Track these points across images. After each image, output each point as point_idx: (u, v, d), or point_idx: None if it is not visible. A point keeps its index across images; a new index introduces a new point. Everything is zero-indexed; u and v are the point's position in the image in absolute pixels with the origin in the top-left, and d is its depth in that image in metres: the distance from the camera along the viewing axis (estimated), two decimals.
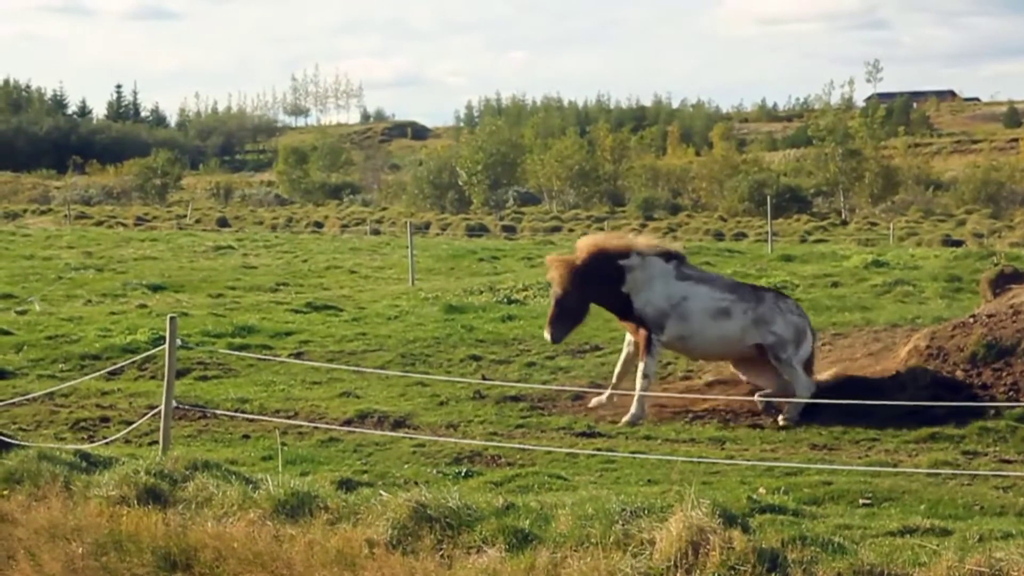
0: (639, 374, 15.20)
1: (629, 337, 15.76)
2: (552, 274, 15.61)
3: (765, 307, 15.44)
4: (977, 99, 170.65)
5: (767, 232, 43.41)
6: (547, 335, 15.59)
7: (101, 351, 19.01)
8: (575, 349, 18.37)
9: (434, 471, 12.30)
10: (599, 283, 15.39)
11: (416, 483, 11.07)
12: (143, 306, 24.92)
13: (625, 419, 14.78)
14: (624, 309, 15.56)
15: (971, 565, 7.71)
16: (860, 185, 71.87)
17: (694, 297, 15.38)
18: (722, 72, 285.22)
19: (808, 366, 15.46)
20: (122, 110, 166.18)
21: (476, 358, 18.51)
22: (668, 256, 15.70)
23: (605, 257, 15.50)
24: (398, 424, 14.56)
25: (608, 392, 15.39)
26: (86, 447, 12.13)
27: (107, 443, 12.96)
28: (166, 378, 12.15)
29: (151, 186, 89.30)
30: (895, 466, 12.15)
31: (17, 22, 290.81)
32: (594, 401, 15.38)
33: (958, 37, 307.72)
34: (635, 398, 14.99)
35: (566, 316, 15.48)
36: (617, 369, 15.76)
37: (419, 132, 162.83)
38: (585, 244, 15.85)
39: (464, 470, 12.32)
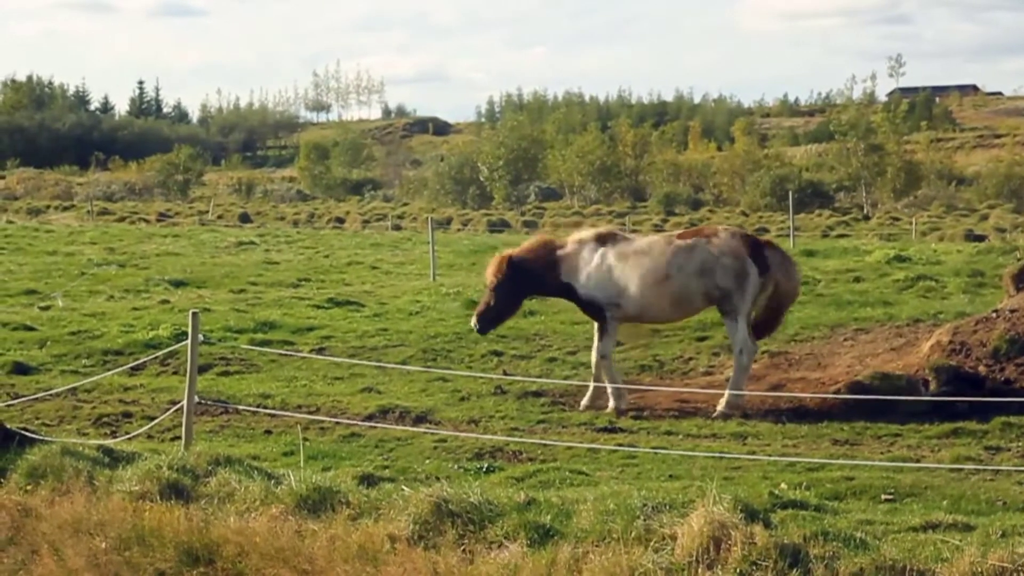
0: (594, 355, 15.52)
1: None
2: (488, 270, 16.04)
3: (700, 258, 15.36)
4: (1000, 93, 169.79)
5: (789, 227, 43.32)
6: (474, 324, 16.13)
7: (124, 347, 19.06)
8: None
9: (455, 466, 12.32)
10: (535, 277, 15.79)
11: (437, 478, 11.09)
12: (165, 302, 24.99)
13: (611, 405, 15.06)
14: (570, 296, 15.91)
15: (994, 560, 7.68)
16: (882, 180, 71.58)
17: (632, 269, 15.48)
18: (744, 67, 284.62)
19: (775, 313, 15.67)
20: (144, 106, 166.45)
21: (497, 353, 18.53)
22: (601, 238, 15.90)
23: (538, 253, 15.96)
24: (419, 419, 14.58)
25: (591, 386, 15.45)
26: (109, 442, 12.16)
27: (130, 438, 13.00)
28: (188, 373, 12.18)
29: (173, 182, 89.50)
30: (917, 461, 12.11)
31: (40, 19, 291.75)
32: (584, 402, 15.44)
33: (981, 31, 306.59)
34: (607, 387, 15.28)
35: (497, 309, 15.95)
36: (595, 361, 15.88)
37: (440, 128, 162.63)
38: (525, 243, 16.48)
39: (485, 465, 12.34)
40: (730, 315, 15.34)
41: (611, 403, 15.11)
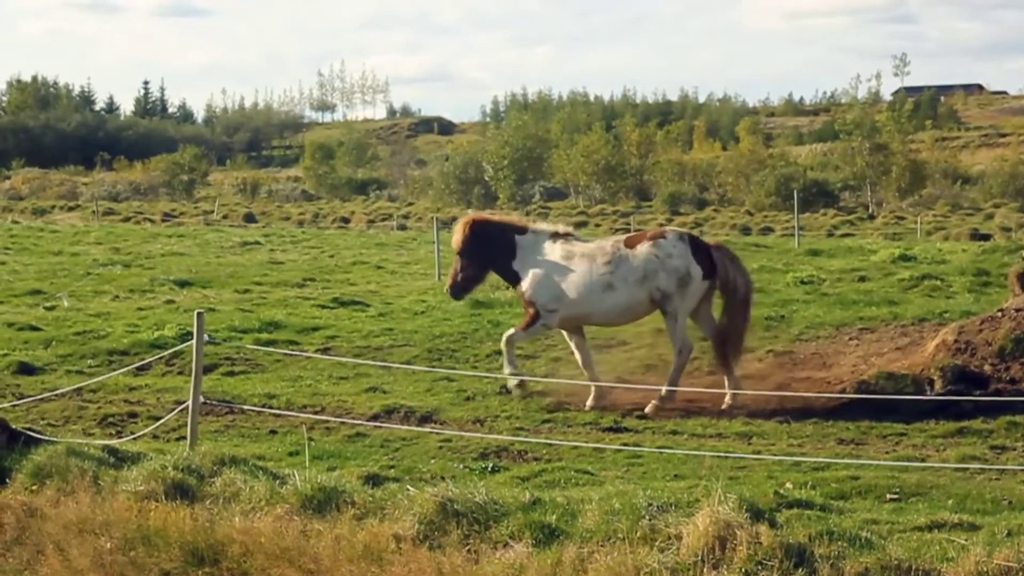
0: (504, 340, 15.86)
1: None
2: (455, 234, 16.38)
3: (644, 265, 15.46)
4: (1005, 92, 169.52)
5: (794, 226, 43.29)
6: (447, 290, 16.73)
7: (129, 347, 19.07)
8: (601, 344, 18.34)
9: (461, 466, 12.32)
10: (495, 250, 16.03)
11: (443, 478, 11.10)
12: (170, 302, 25.01)
13: (589, 403, 15.18)
14: (515, 284, 16.15)
15: (999, 560, 7.68)
16: (887, 179, 71.49)
17: (580, 276, 15.59)
18: (748, 66, 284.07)
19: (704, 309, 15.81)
20: (149, 106, 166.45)
21: (502, 353, 18.51)
22: (556, 236, 16.02)
23: (501, 227, 16.25)
24: (425, 419, 14.58)
25: (593, 387, 15.47)
26: (114, 442, 12.17)
27: (135, 438, 13.00)
28: (193, 373, 12.18)
29: (178, 182, 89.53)
30: (923, 461, 12.11)
31: (45, 19, 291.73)
32: (589, 403, 15.44)
33: (986, 30, 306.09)
34: (507, 363, 15.71)
35: (465, 273, 16.29)
36: (580, 361, 16.01)
37: (445, 127, 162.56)
38: (484, 213, 16.74)
39: (491, 465, 12.35)
40: (670, 315, 15.55)
41: (511, 382, 15.55)
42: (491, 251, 16.10)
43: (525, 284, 15.82)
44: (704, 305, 15.86)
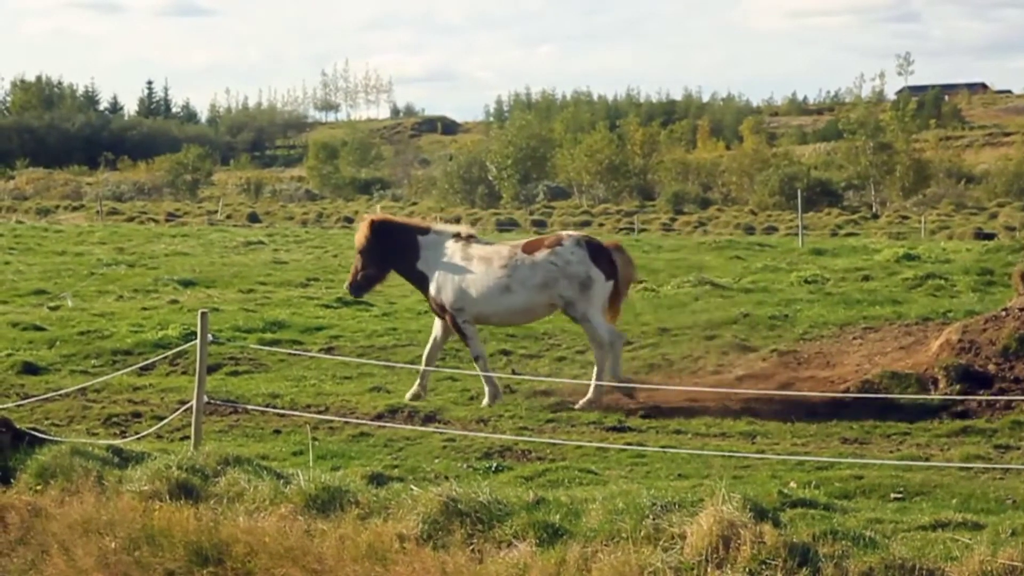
0: (473, 359, 15.90)
1: (438, 321, 16.25)
2: (358, 233, 16.51)
3: (543, 272, 15.52)
4: (1009, 91, 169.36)
5: (798, 226, 43.27)
6: (347, 288, 16.96)
7: (133, 347, 19.08)
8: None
9: (464, 466, 12.32)
10: (397, 250, 16.11)
11: (447, 478, 11.10)
12: (174, 302, 25.01)
13: (485, 402, 15.33)
14: (422, 288, 16.22)
15: (1003, 559, 7.68)
16: (891, 178, 71.52)
17: (478, 277, 15.69)
18: (752, 65, 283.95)
19: (614, 307, 15.84)
20: (153, 106, 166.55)
21: (506, 352, 18.53)
22: (458, 237, 16.14)
23: (403, 227, 16.38)
24: (428, 419, 14.59)
25: (421, 377, 15.70)
26: (118, 442, 12.18)
27: (139, 438, 13.01)
28: (197, 373, 12.19)
29: (182, 182, 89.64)
30: (927, 460, 12.10)
31: (49, 19, 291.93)
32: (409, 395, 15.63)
33: (989, 29, 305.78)
34: (484, 380, 15.54)
35: (365, 273, 16.39)
36: (426, 352, 16.15)
37: (449, 127, 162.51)
38: (387, 214, 16.94)
39: (494, 465, 12.35)
40: (582, 320, 15.64)
41: (486, 400, 15.40)
42: (393, 251, 16.21)
43: (433, 288, 15.92)
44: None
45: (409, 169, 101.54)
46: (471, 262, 15.75)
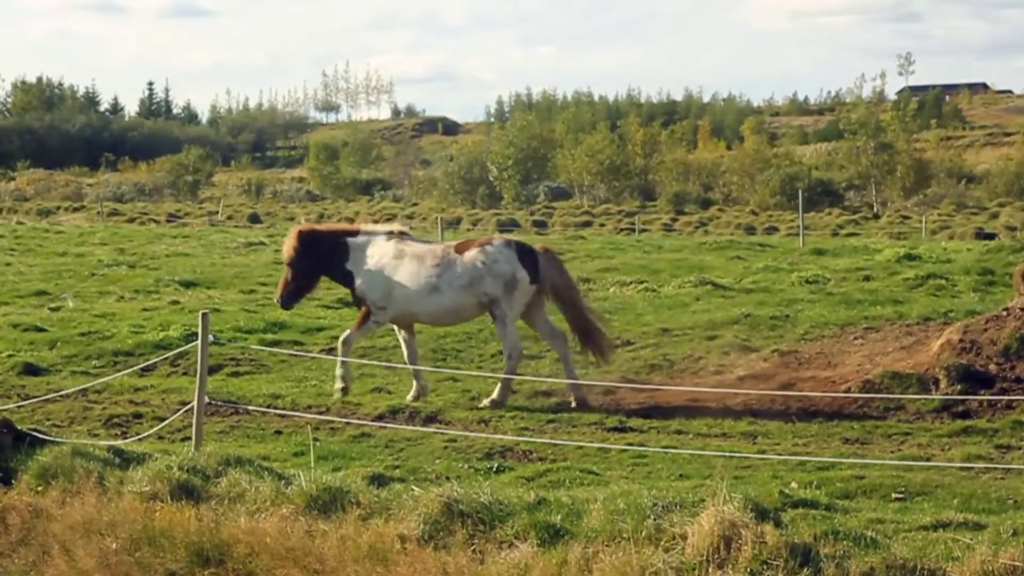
0: (340, 340, 16.13)
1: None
2: (285, 245, 16.72)
3: (470, 272, 15.70)
4: (1010, 91, 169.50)
5: (799, 226, 43.26)
6: (276, 300, 17.02)
7: (134, 347, 19.09)
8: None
9: (466, 466, 12.32)
10: (325, 258, 16.27)
11: (448, 478, 11.10)
12: (175, 302, 25.01)
13: (410, 397, 15.52)
14: (350, 285, 16.34)
15: (1005, 559, 7.67)
16: (892, 178, 71.55)
17: (407, 276, 15.83)
18: (753, 65, 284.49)
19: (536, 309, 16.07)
20: (154, 107, 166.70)
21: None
22: (390, 235, 16.31)
23: (331, 234, 16.67)
24: (429, 419, 14.59)
25: (415, 382, 15.80)
26: (119, 443, 12.17)
27: (140, 439, 13.01)
28: (198, 374, 12.19)
29: (183, 183, 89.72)
30: (928, 460, 12.09)
31: (50, 20, 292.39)
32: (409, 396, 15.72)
33: (991, 29, 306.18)
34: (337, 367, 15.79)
35: (295, 283, 16.54)
36: (406, 356, 16.27)
37: (450, 127, 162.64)
38: (314, 224, 17.03)
39: (495, 465, 12.35)
40: (499, 319, 15.78)
41: (337, 384, 15.70)
42: (321, 259, 16.34)
43: (358, 281, 16.08)
44: (538, 310, 16.09)
45: (410, 170, 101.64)
46: (402, 260, 15.94)
